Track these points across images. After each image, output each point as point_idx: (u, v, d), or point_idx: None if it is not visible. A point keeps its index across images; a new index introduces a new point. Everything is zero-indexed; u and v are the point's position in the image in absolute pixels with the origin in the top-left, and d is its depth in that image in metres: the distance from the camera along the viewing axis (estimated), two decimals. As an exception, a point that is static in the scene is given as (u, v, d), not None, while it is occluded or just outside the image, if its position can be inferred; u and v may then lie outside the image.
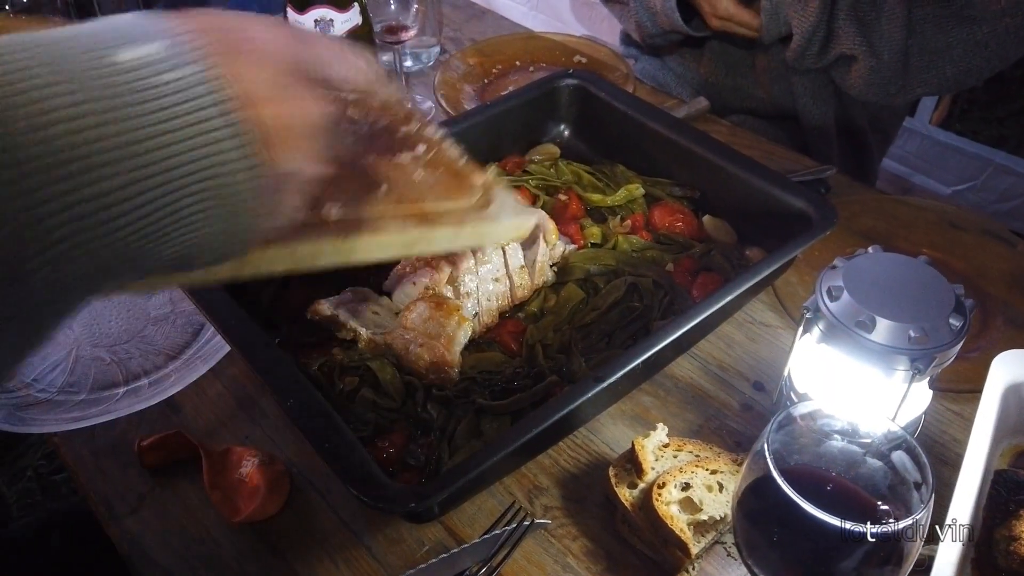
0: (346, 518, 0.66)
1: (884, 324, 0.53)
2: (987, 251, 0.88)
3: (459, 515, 0.66)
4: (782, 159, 1.05)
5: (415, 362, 0.69)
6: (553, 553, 0.63)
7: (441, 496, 0.54)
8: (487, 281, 0.75)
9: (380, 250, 0.48)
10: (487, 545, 0.62)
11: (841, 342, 0.55)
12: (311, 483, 0.68)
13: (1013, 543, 0.58)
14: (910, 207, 0.95)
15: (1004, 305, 0.83)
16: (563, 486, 0.68)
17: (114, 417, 0.72)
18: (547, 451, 0.70)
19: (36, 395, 0.75)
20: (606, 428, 0.72)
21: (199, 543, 0.65)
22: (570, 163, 0.96)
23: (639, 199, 0.90)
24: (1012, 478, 0.64)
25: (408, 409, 0.68)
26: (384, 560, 0.63)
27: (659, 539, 0.62)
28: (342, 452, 0.56)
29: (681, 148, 0.90)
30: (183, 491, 0.68)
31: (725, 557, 0.63)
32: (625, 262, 0.81)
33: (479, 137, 0.94)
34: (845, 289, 0.56)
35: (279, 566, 0.63)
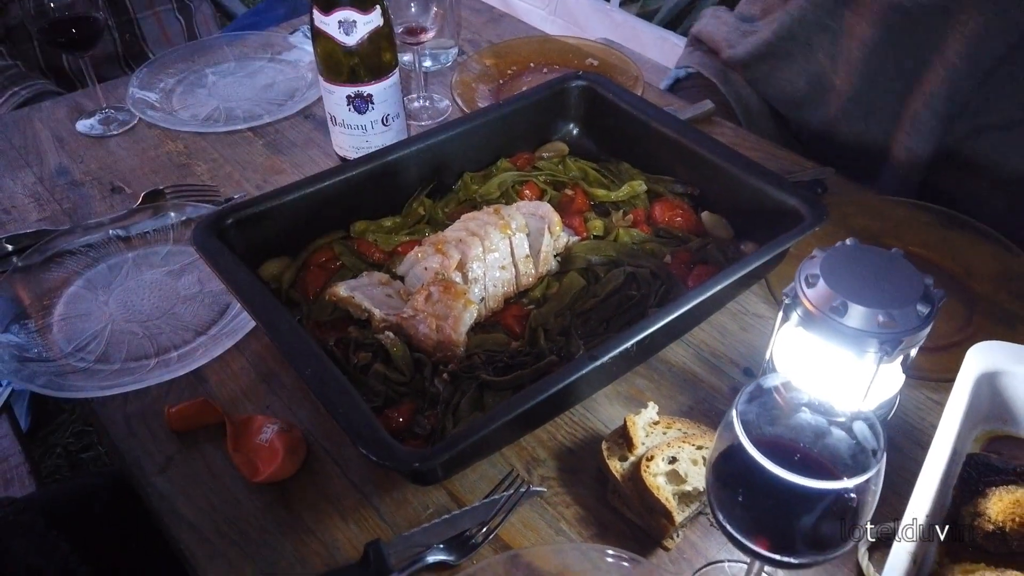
0: (357, 482, 0.71)
1: (856, 309, 0.58)
2: (976, 251, 0.92)
3: (462, 481, 0.71)
4: (783, 160, 1.09)
5: (424, 341, 0.74)
6: (547, 519, 0.68)
7: (442, 458, 0.59)
8: (494, 268, 0.80)
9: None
10: (486, 509, 0.67)
11: (817, 326, 0.60)
12: (326, 450, 0.74)
13: (978, 519, 0.61)
14: (905, 207, 0.99)
15: (989, 303, 0.86)
16: (559, 459, 0.73)
17: (145, 385, 0.77)
18: (545, 426, 0.75)
19: (74, 364, 0.81)
20: (602, 407, 0.77)
21: (222, 501, 0.70)
22: (577, 160, 1.01)
23: (641, 195, 0.94)
24: (983, 461, 0.68)
25: (416, 383, 0.73)
26: (391, 520, 0.68)
27: (646, 508, 0.66)
28: (354, 417, 0.61)
29: (683, 147, 0.95)
30: (208, 454, 0.74)
31: (708, 527, 0.67)
32: (625, 253, 0.86)
33: (492, 134, 0.99)
34: (821, 277, 0.60)
35: (294, 523, 0.68)
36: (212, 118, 1.21)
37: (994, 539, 0.60)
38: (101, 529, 0.89)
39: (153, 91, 1.26)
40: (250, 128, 1.18)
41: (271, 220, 0.84)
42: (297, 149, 1.15)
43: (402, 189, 0.94)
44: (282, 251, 0.86)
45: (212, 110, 1.23)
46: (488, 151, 1.00)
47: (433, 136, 0.94)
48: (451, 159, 0.96)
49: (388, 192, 0.92)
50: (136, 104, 1.22)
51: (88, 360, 0.81)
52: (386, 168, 0.91)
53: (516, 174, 0.97)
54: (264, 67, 1.33)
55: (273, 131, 1.18)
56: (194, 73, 1.32)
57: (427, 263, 0.79)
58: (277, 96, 1.25)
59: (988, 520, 0.61)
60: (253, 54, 1.36)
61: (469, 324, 0.75)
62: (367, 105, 1.01)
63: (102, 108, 1.21)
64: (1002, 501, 0.61)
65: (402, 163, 0.92)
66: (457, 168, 0.98)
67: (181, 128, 1.18)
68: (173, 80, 1.29)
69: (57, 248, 0.93)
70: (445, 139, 0.95)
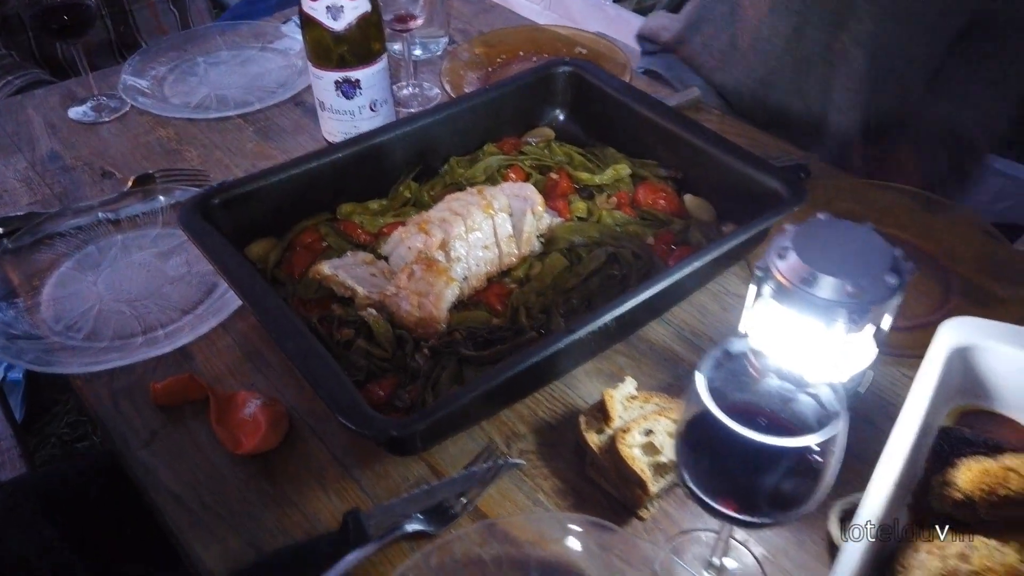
0: (339, 455, 0.72)
1: (824, 280, 0.59)
2: (957, 235, 0.93)
3: (442, 454, 0.72)
4: (768, 146, 1.10)
5: (406, 317, 0.75)
6: (525, 490, 0.69)
7: (419, 426, 0.60)
8: (477, 248, 0.81)
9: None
10: (465, 480, 0.68)
11: (788, 298, 0.61)
12: (309, 425, 0.75)
13: (946, 488, 0.62)
14: (888, 192, 0.99)
15: (967, 283, 0.87)
16: (539, 433, 0.74)
17: (131, 362, 0.78)
18: (525, 402, 0.76)
19: (63, 342, 0.82)
20: (582, 384, 0.78)
21: (206, 474, 0.71)
22: (563, 145, 1.02)
23: (625, 178, 0.95)
24: (956, 434, 0.68)
25: (398, 359, 0.74)
26: (372, 492, 0.69)
27: (621, 479, 0.67)
28: (333, 387, 0.62)
29: (667, 132, 0.96)
30: (192, 428, 0.75)
31: (683, 498, 0.68)
32: (608, 234, 0.87)
33: (478, 119, 1.00)
34: (793, 249, 0.61)
35: (276, 495, 0.69)
36: (203, 105, 1.22)
37: (962, 508, 0.61)
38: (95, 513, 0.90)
39: (145, 79, 1.27)
40: (240, 115, 1.19)
41: (257, 201, 0.85)
42: (287, 135, 1.16)
43: (389, 172, 0.95)
44: (269, 232, 0.87)
45: (203, 97, 1.24)
46: (474, 136, 1.01)
47: (419, 120, 0.95)
48: (437, 143, 0.97)
49: (375, 175, 0.93)
50: (127, 91, 1.23)
51: (76, 338, 0.82)
52: (372, 151, 0.92)
53: (502, 158, 0.98)
54: (255, 56, 1.34)
55: (263, 118, 1.19)
56: (186, 62, 1.33)
57: (410, 242, 0.80)
58: (268, 84, 1.26)
59: (956, 489, 0.62)
60: (245, 43, 1.37)
61: (451, 301, 0.76)
62: (355, 90, 1.02)
63: (94, 95, 1.22)
64: (971, 471, 0.62)
65: (388, 146, 0.93)
66: (444, 152, 0.99)
67: (172, 114, 1.19)
68: (165, 68, 1.30)
69: (47, 230, 0.94)
70: (431, 123, 0.96)
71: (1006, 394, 0.71)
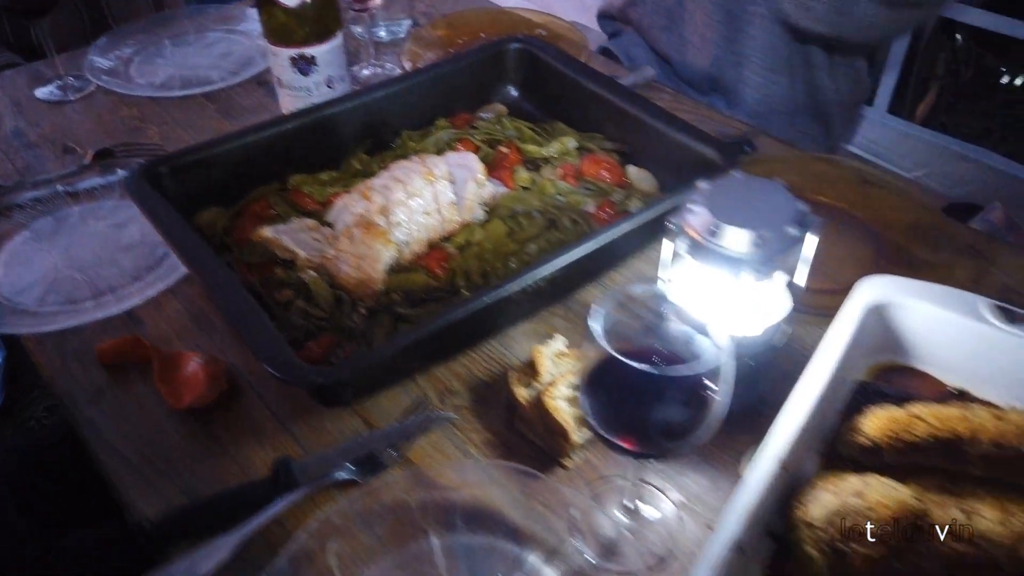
0: (277, 411, 0.74)
1: (731, 232, 0.61)
2: (892, 205, 0.95)
3: (376, 409, 0.74)
4: (717, 122, 1.13)
5: (344, 278, 0.77)
6: (456, 443, 0.72)
7: (342, 375, 0.62)
8: (418, 214, 0.83)
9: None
10: (395, 432, 0.71)
11: (699, 251, 0.63)
12: (250, 383, 0.77)
13: (853, 434, 0.65)
14: (829, 165, 1.02)
15: (900, 250, 0.90)
16: (473, 390, 0.76)
17: (80, 323, 0.81)
18: (461, 361, 0.78)
19: (15, 306, 0.84)
20: (518, 344, 0.80)
21: (148, 429, 0.73)
22: (514, 120, 1.04)
23: (571, 151, 0.98)
24: (872, 388, 0.71)
25: (336, 319, 0.76)
26: (306, 445, 0.71)
27: (547, 430, 0.69)
28: (263, 339, 0.65)
29: (613, 106, 0.98)
30: (136, 387, 0.77)
31: (605, 448, 0.71)
32: (549, 203, 0.89)
33: (429, 94, 1.03)
34: (703, 204, 0.63)
35: (215, 448, 0.72)
36: (167, 85, 1.24)
37: (868, 453, 0.64)
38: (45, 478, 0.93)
39: (112, 60, 1.29)
40: (203, 93, 1.21)
41: (206, 169, 0.87)
42: (249, 114, 1.18)
43: (341, 145, 0.97)
44: (221, 201, 0.89)
45: (168, 77, 1.26)
46: (426, 110, 1.03)
47: (370, 93, 0.98)
48: (389, 116, 1.00)
49: (326, 147, 0.96)
50: (93, 71, 1.25)
51: (29, 303, 0.85)
52: (323, 122, 0.94)
53: (453, 132, 1.01)
54: (221, 38, 1.36)
55: (226, 97, 1.22)
56: (153, 44, 1.35)
57: (353, 208, 0.83)
58: (232, 65, 1.29)
59: (863, 436, 0.64)
60: (212, 25, 1.39)
61: (388, 263, 0.78)
62: (310, 67, 1.05)
63: (60, 76, 1.24)
64: (878, 418, 0.65)
65: (339, 118, 0.95)
66: (396, 126, 1.01)
67: (136, 93, 1.21)
68: (131, 50, 1.33)
69: (5, 202, 0.97)
70: (383, 96, 0.98)
71: (922, 350, 0.73)
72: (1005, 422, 0.63)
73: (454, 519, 0.65)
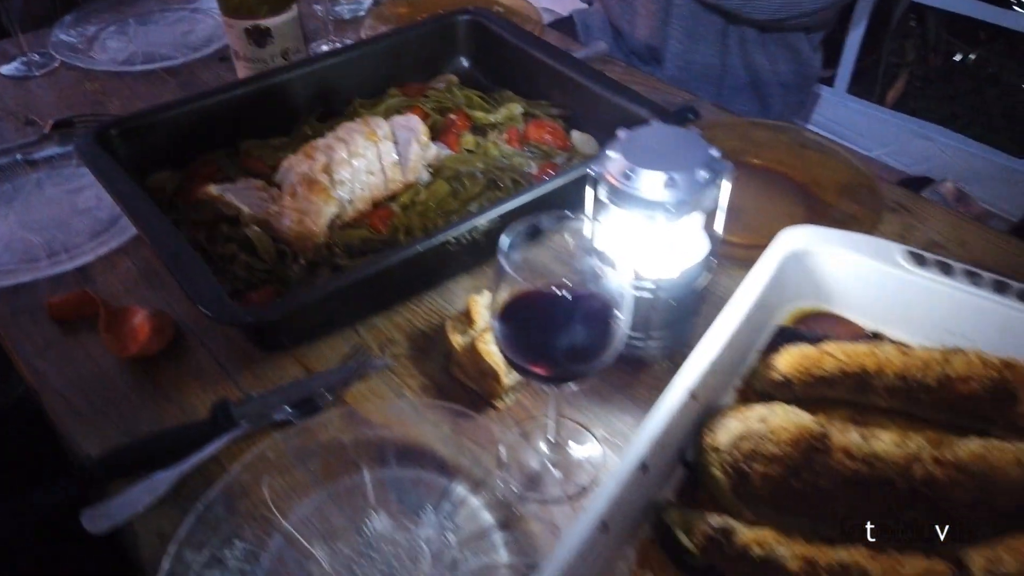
0: (220, 360, 0.77)
1: (644, 176, 0.64)
2: (826, 167, 0.98)
3: (316, 357, 0.76)
4: (665, 92, 1.16)
5: (287, 233, 0.80)
6: (392, 387, 0.74)
7: (272, 315, 0.65)
8: (361, 173, 0.86)
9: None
10: (332, 375, 0.73)
11: (617, 196, 0.66)
12: (196, 335, 0.79)
13: (767, 370, 0.68)
14: (767, 129, 1.05)
15: (830, 207, 0.93)
16: (412, 340, 0.79)
17: (33, 279, 0.83)
18: (402, 312, 0.81)
19: (-31, 266, 0.86)
20: (458, 298, 0.83)
21: (93, 376, 0.76)
22: (464, 89, 1.07)
23: (517, 116, 1.00)
24: (791, 332, 0.74)
25: (278, 271, 0.79)
26: (248, 391, 0.74)
27: (480, 373, 0.72)
28: (199, 283, 0.67)
29: (558, 73, 1.01)
30: (84, 339, 0.79)
31: (536, 390, 0.73)
32: (492, 165, 0.92)
33: (381, 63, 1.05)
34: (620, 151, 0.66)
35: (158, 394, 0.74)
36: (130, 61, 1.26)
37: (781, 387, 0.67)
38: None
39: (76, 37, 1.31)
40: (165, 68, 1.24)
41: (157, 133, 0.89)
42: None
43: (292, 112, 0.99)
44: (172, 165, 0.92)
45: (131, 54, 1.28)
46: (378, 79, 1.06)
47: (322, 61, 1.00)
48: (341, 84, 1.02)
49: (278, 114, 0.98)
50: (57, 48, 1.27)
51: (-17, 263, 0.87)
52: (273, 89, 0.96)
53: (404, 100, 1.03)
54: (186, 16, 1.38)
55: (188, 72, 1.24)
56: (118, 22, 1.37)
57: (298, 168, 0.85)
58: (194, 42, 1.31)
59: (776, 371, 0.67)
60: (177, 5, 1.41)
61: (329, 217, 0.81)
62: (266, 38, 1.07)
63: (25, 53, 1.26)
64: (790, 355, 0.68)
65: (290, 85, 0.98)
66: (347, 94, 1.03)
67: (99, 68, 1.24)
68: (95, 28, 1.35)
69: (-36, 170, 0.99)
70: (334, 64, 1.01)
71: (841, 295, 0.76)
72: (910, 357, 0.67)
73: (386, 455, 0.67)
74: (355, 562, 0.60)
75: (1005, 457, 0.57)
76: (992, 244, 0.88)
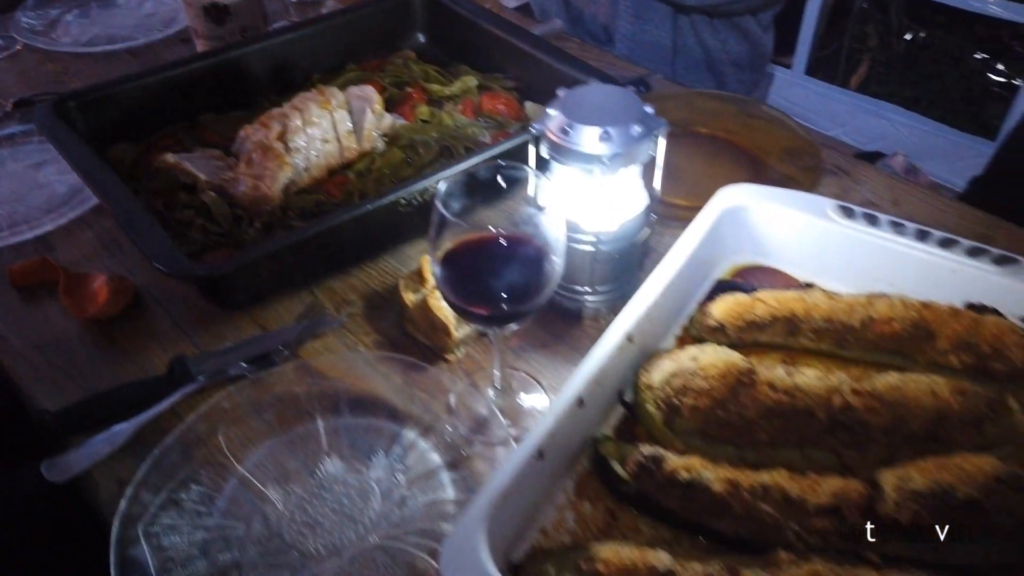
0: (179, 321, 0.79)
1: (580, 130, 0.67)
2: (770, 134, 1.02)
3: (273, 317, 0.78)
4: (619, 68, 1.19)
5: (243, 198, 0.82)
6: (347, 343, 0.77)
7: (223, 270, 0.67)
8: (316, 140, 0.88)
9: None
10: (287, 332, 0.76)
11: (556, 151, 0.69)
12: (156, 299, 0.81)
13: (702, 316, 0.71)
14: (716, 100, 1.09)
15: (774, 171, 0.97)
16: (367, 300, 0.81)
17: (-8, 248, 0.85)
18: (358, 275, 0.83)
19: (-70, 238, 0.87)
20: (412, 261, 0.85)
21: (55, 340, 0.77)
22: (421, 63, 1.09)
23: (472, 89, 1.03)
24: (728, 284, 0.77)
25: (235, 235, 0.81)
26: (205, 349, 0.76)
27: (431, 328, 0.75)
28: (154, 241, 0.69)
29: (513, 47, 1.04)
30: (45, 305, 0.81)
31: (486, 344, 0.76)
32: (446, 134, 0.95)
33: (339, 37, 1.07)
34: (560, 109, 0.69)
35: (118, 354, 0.76)
36: (92, 42, 1.27)
37: (715, 333, 0.70)
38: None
39: (39, 19, 1.32)
40: (127, 49, 1.25)
41: (116, 105, 0.91)
42: (171, 68, 1.22)
43: (251, 86, 1.01)
44: (132, 138, 0.93)
45: (93, 36, 1.29)
46: (336, 55, 1.08)
47: (280, 35, 1.02)
48: (299, 59, 1.04)
49: (237, 88, 1.00)
50: (20, 30, 1.28)
51: (-56, 235, 0.88)
52: (232, 63, 0.98)
53: (361, 74, 1.06)
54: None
55: (149, 53, 1.25)
56: (80, 5, 1.37)
57: (254, 137, 0.87)
58: (156, 24, 1.32)
59: (711, 318, 0.70)
60: (138, -12, 1.42)
61: (284, 182, 0.83)
62: (224, 16, 1.09)
63: (-14, 36, 1.27)
64: (725, 303, 0.71)
65: (248, 59, 1.00)
66: (306, 69, 1.05)
67: (61, 50, 1.25)
68: (58, 11, 1.35)
69: (-75, 148, 0.99)
70: (292, 39, 1.03)
71: (777, 249, 0.79)
72: (836, 301, 0.70)
73: (339, 405, 0.70)
74: (308, 502, 0.63)
75: (920, 387, 0.61)
76: (922, 202, 0.92)
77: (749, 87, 1.55)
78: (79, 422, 0.68)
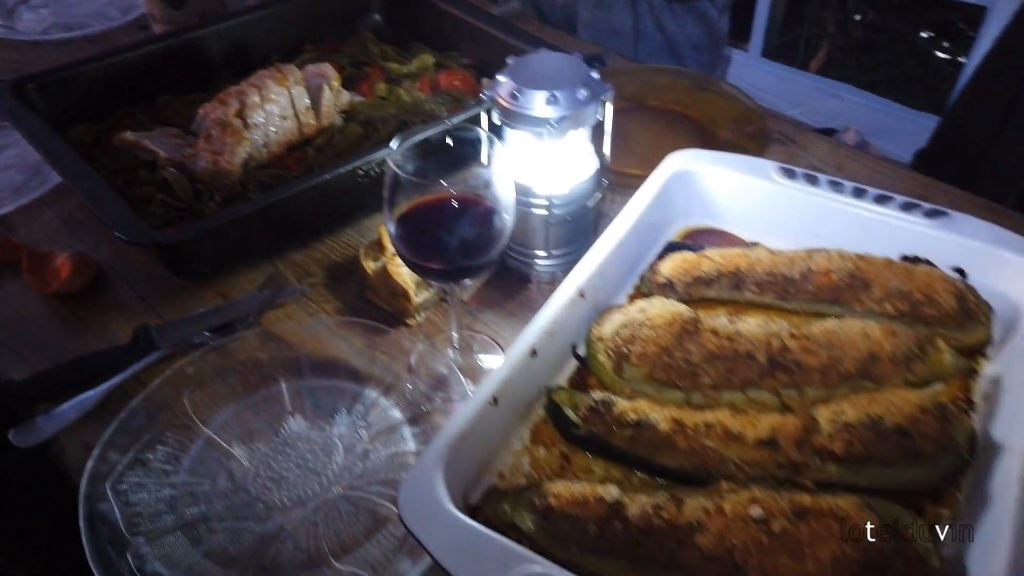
0: (143, 295, 0.80)
1: (529, 95, 0.69)
2: (720, 106, 1.05)
3: (236, 288, 0.80)
4: (576, 46, 1.22)
5: (203, 173, 0.83)
6: (309, 311, 0.79)
7: (182, 237, 0.68)
8: (275, 116, 0.90)
9: None
10: (250, 301, 0.77)
11: (507, 115, 0.71)
12: (119, 275, 0.82)
13: (652, 275, 0.74)
14: (669, 75, 1.12)
15: (723, 141, 1.00)
16: (329, 271, 0.83)
17: (-48, 230, 0.85)
18: (319, 248, 0.85)
19: None
20: (373, 233, 0.87)
21: (19, 316, 0.78)
22: (379, 43, 1.11)
23: (430, 66, 1.05)
24: (677, 245, 0.80)
25: (195, 209, 0.82)
26: (169, 320, 0.77)
27: (391, 293, 0.77)
28: (115, 212, 0.70)
29: (469, 25, 1.06)
30: (8, 283, 0.82)
31: (446, 309, 0.78)
32: (404, 110, 0.97)
33: (297, 18, 1.09)
34: (509, 75, 0.71)
35: (84, 329, 0.77)
36: (50, 31, 1.27)
37: (664, 288, 0.73)
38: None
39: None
40: (84, 37, 1.25)
41: (74, 86, 0.92)
42: (130, 54, 1.22)
43: (209, 67, 1.02)
44: (92, 120, 0.94)
45: (51, 24, 1.29)
46: (294, 37, 1.09)
47: (237, 17, 1.03)
48: (257, 41, 1.05)
49: (195, 69, 1.01)
50: (-26, 21, 1.27)
51: (-98, 218, 0.88)
52: (190, 44, 0.99)
53: (319, 55, 1.07)
54: (106, -12, 1.39)
55: (107, 40, 1.25)
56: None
57: (212, 115, 0.88)
58: (114, 12, 1.32)
59: (660, 275, 0.73)
60: (96, -23, 1.42)
61: (243, 157, 0.85)
62: (182, 1, 1.10)
63: (-59, 26, 1.26)
64: (673, 260, 0.74)
65: (206, 41, 1.01)
66: (264, 50, 1.06)
67: (18, 38, 1.24)
68: (14, 1, 1.35)
69: None
70: (250, 21, 1.04)
71: (724, 211, 0.83)
72: (778, 256, 0.74)
73: (302, 368, 0.72)
74: (272, 458, 0.64)
75: (854, 330, 0.64)
76: (864, 166, 0.96)
77: (708, 69, 1.59)
78: (45, 391, 0.69)
